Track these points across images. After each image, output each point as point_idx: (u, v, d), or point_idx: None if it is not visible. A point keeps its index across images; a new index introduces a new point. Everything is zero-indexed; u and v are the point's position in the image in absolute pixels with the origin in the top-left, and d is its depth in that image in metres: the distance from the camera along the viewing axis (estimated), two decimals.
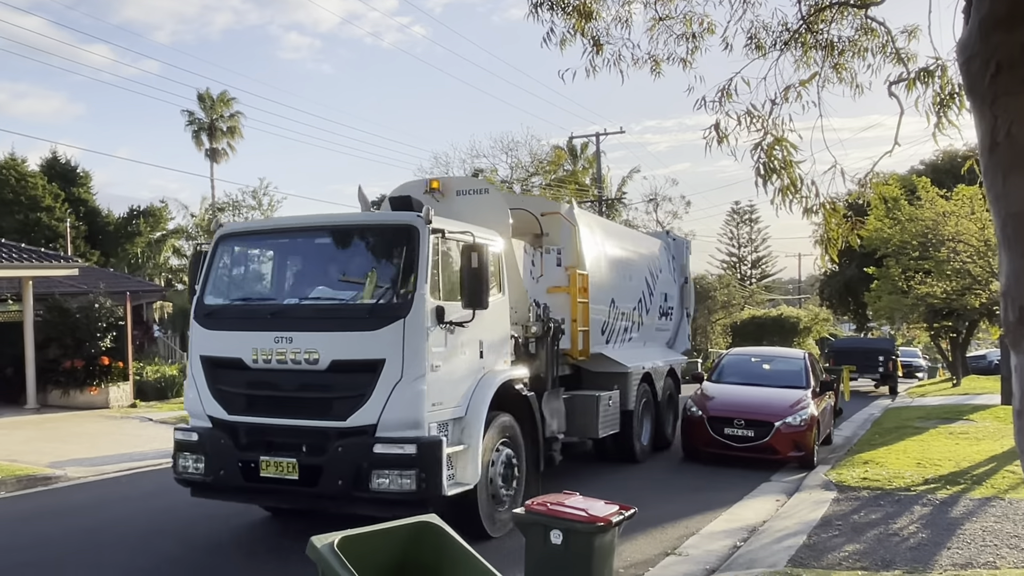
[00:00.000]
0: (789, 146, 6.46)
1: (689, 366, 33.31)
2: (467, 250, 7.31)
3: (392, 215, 8.18)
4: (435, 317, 7.18)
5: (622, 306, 12.64)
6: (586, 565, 4.99)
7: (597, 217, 16.27)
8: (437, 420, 7.20)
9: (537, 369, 9.43)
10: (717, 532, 8.61)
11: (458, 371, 7.56)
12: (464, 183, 9.76)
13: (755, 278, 64.52)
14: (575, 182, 41.22)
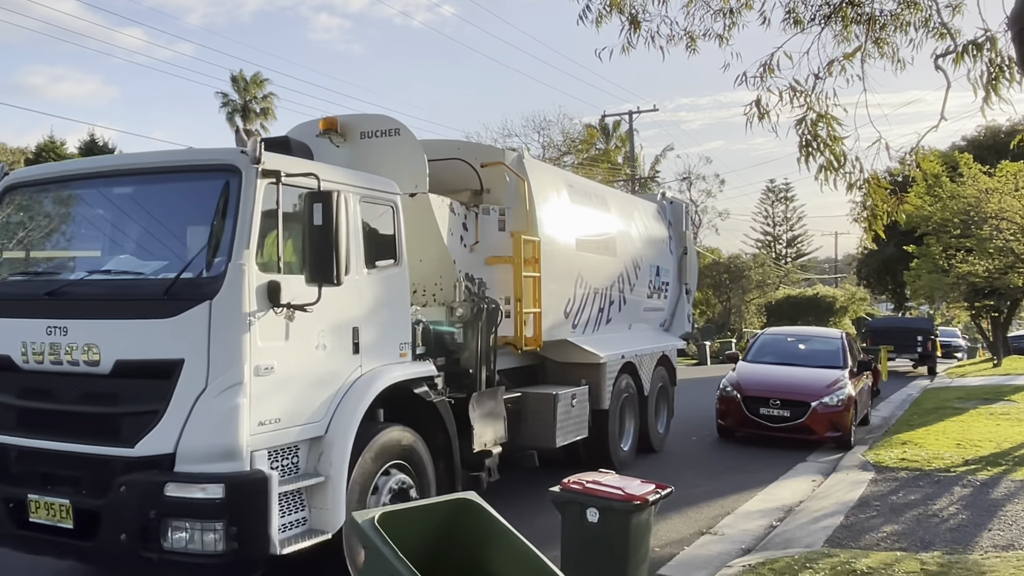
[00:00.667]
0: (833, 121, 6.37)
1: (723, 346, 33.43)
2: (310, 200, 5.12)
3: (206, 152, 5.66)
4: (264, 298, 5.04)
5: (595, 282, 9.99)
6: (622, 543, 5.01)
7: (560, 171, 12.74)
8: (272, 445, 5.14)
9: (467, 363, 7.49)
10: (753, 512, 8.59)
11: (311, 373, 5.44)
12: (369, 122, 7.41)
13: (790, 257, 63.81)
14: (607, 161, 40.98)
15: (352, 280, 5.70)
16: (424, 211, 7.26)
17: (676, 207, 13.50)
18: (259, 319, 5.05)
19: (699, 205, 50.49)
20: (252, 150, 5.10)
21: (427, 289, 7.66)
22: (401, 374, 6.28)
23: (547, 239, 8.66)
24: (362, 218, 5.99)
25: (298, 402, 5.35)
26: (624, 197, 12.91)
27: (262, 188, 5.14)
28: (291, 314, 5.26)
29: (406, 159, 7.26)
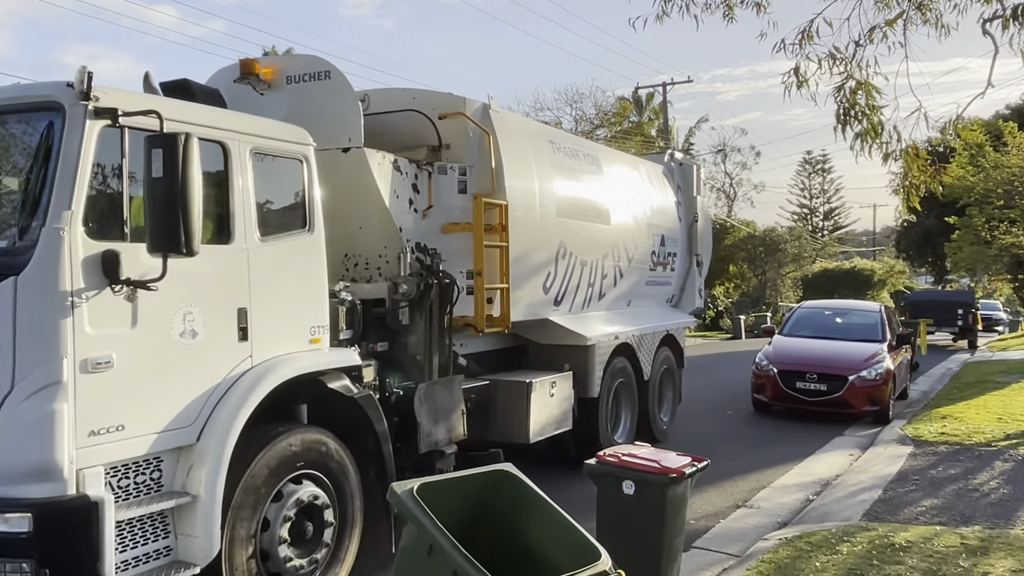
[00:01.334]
0: (872, 90, 6.25)
1: (758, 320, 33.14)
2: (149, 145, 3.97)
3: (28, 87, 4.55)
4: (97, 272, 3.99)
5: (583, 253, 8.64)
6: (658, 516, 5.01)
7: (539, 124, 11.03)
8: (113, 459, 4.09)
9: (414, 349, 6.38)
10: (789, 485, 8.55)
11: (174, 367, 4.35)
12: (295, 64, 6.37)
13: (827, 230, 62.90)
14: (641, 133, 40.62)
15: (238, 250, 4.70)
16: (361, 169, 6.16)
17: (686, 169, 12.01)
18: (88, 300, 3.95)
19: (734, 178, 50.02)
20: (79, 82, 4.01)
21: (370, 262, 6.61)
22: (307, 365, 5.10)
23: (519, 203, 7.41)
24: (254, 174, 4.85)
25: (153, 404, 4.24)
26: (622, 157, 11.38)
27: (94, 131, 4.05)
28: (131, 293, 4.13)
29: (338, 107, 6.18)
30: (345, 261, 6.56)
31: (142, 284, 4.11)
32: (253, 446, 4.68)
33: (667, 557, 5.04)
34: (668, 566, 5.06)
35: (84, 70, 4.03)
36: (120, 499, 4.14)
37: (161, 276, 4.08)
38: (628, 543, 4.96)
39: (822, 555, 5.80)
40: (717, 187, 49.46)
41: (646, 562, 4.95)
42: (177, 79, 5.78)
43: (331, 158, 5.99)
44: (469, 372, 7.21)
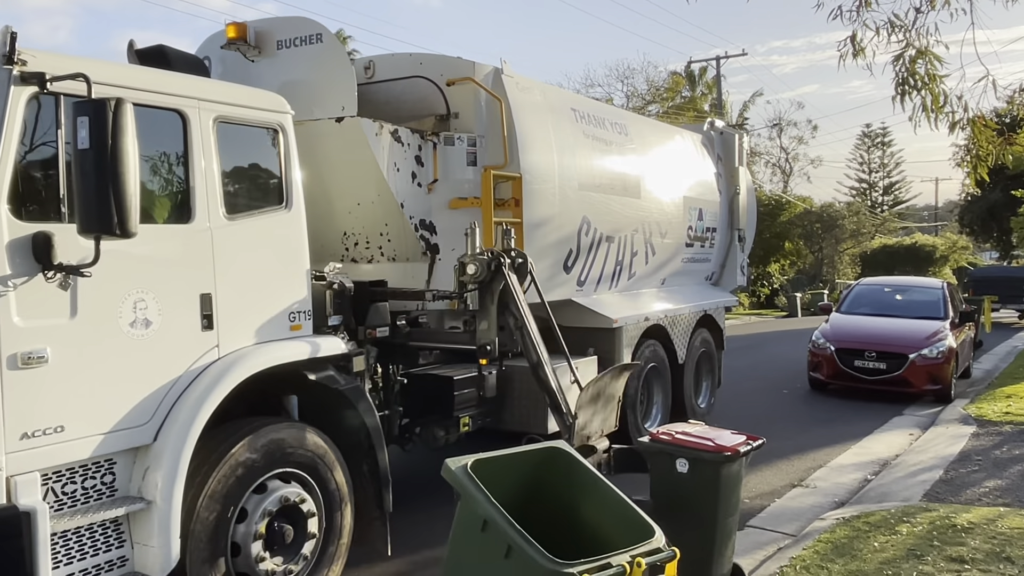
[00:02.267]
0: (933, 58, 6.06)
1: (815, 298, 32.56)
2: (74, 113, 3.57)
3: None
4: (27, 256, 3.64)
5: (609, 228, 8.04)
6: (712, 494, 4.98)
7: (559, 90, 9.97)
8: (51, 464, 3.74)
9: (484, 337, 5.91)
10: (846, 465, 8.43)
11: (124, 360, 3.97)
12: (285, 28, 5.92)
13: (887, 205, 61.33)
14: (693, 108, 40.00)
15: (199, 230, 4.30)
16: (357, 141, 5.74)
17: (727, 138, 11.19)
18: (17, 287, 3.59)
19: (790, 152, 48.98)
20: (1, 44, 3.65)
21: (371, 240, 6.28)
22: (282, 355, 4.65)
23: (535, 175, 6.88)
24: (219, 145, 4.43)
25: (99, 401, 3.87)
26: (655, 125, 10.68)
27: (20, 99, 3.67)
28: (67, 279, 3.74)
29: (330, 73, 5.76)
30: (344, 240, 6.22)
31: (75, 270, 3.69)
32: (221, 445, 4.27)
33: (721, 536, 5.00)
34: (722, 544, 5.03)
35: (7, 30, 3.64)
36: (65, 506, 3.79)
37: (94, 261, 3.65)
38: (682, 522, 4.95)
39: (881, 535, 5.71)
40: (772, 162, 48.57)
41: (700, 541, 4.93)
42: (153, 46, 5.33)
43: (326, 128, 5.67)
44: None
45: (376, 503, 5.14)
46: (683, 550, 4.08)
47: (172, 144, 4.25)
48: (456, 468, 3.77)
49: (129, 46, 5.39)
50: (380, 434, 5.19)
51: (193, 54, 5.80)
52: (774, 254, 37.31)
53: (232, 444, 4.31)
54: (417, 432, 6.26)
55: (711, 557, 4.97)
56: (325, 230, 5.75)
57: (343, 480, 4.92)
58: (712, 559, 4.99)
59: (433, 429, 6.28)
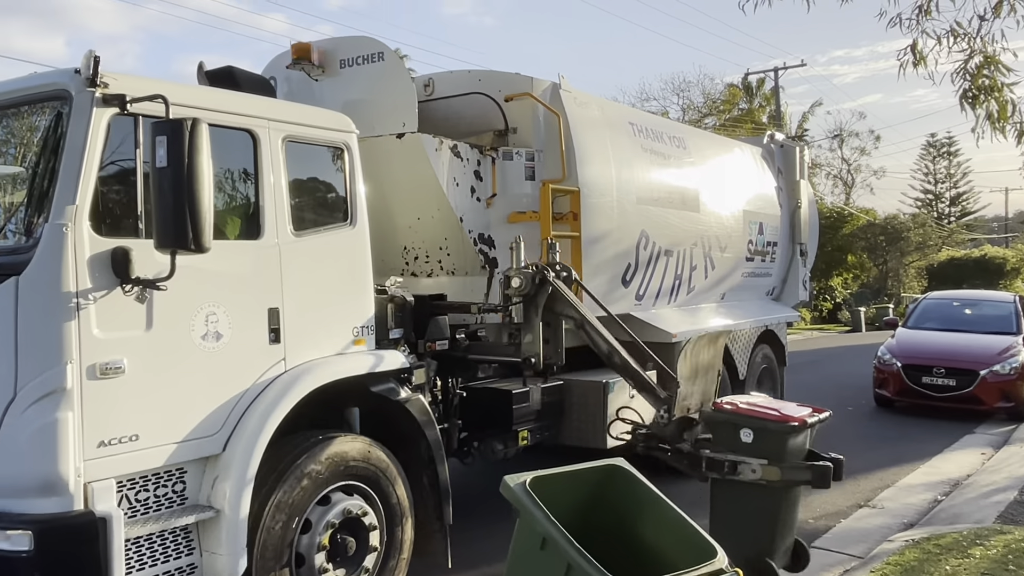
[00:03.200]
0: (1000, 66, 5.90)
1: (879, 312, 31.75)
2: (153, 133, 3.71)
3: (39, 76, 4.22)
4: (106, 271, 3.76)
5: (667, 242, 7.98)
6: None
7: (617, 105, 10.23)
8: (125, 471, 3.84)
9: (529, 349, 5.82)
10: (915, 485, 8.20)
11: (196, 372, 4.09)
12: (348, 47, 6.06)
13: (954, 216, 59.56)
14: (751, 120, 39.51)
15: (268, 246, 4.42)
16: (417, 156, 5.84)
17: (787, 151, 11.16)
18: (96, 300, 3.72)
19: (851, 163, 47.97)
20: (86, 68, 3.77)
21: (430, 254, 6.34)
22: (346, 368, 4.75)
23: (593, 189, 6.88)
24: (287, 163, 4.56)
25: (172, 411, 3.99)
26: (714, 139, 10.75)
27: (102, 120, 3.81)
28: (144, 293, 3.87)
29: (391, 91, 5.87)
30: (404, 254, 6.30)
31: (152, 284, 3.83)
32: (287, 456, 4.36)
33: (786, 507, 4.95)
34: (787, 515, 4.98)
35: (91, 54, 3.78)
36: (138, 513, 3.90)
37: (169, 275, 3.78)
38: (744, 495, 4.92)
39: (952, 559, 5.54)
40: (834, 174, 47.64)
41: (762, 511, 4.87)
42: (222, 67, 5.54)
43: (387, 145, 5.80)
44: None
45: (436, 516, 5.18)
46: (746, 520, 4.06)
47: (243, 162, 4.40)
48: (515, 485, 3.77)
49: (199, 68, 5.59)
50: (440, 447, 5.23)
51: (259, 74, 6.01)
52: (837, 268, 36.55)
53: (298, 456, 4.39)
54: (476, 446, 6.26)
55: (775, 528, 4.92)
56: (386, 244, 5.85)
57: (404, 494, 4.96)
58: (776, 530, 4.94)
59: (492, 443, 6.28)
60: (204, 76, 5.55)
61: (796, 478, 5.03)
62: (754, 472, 5.01)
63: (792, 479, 5.02)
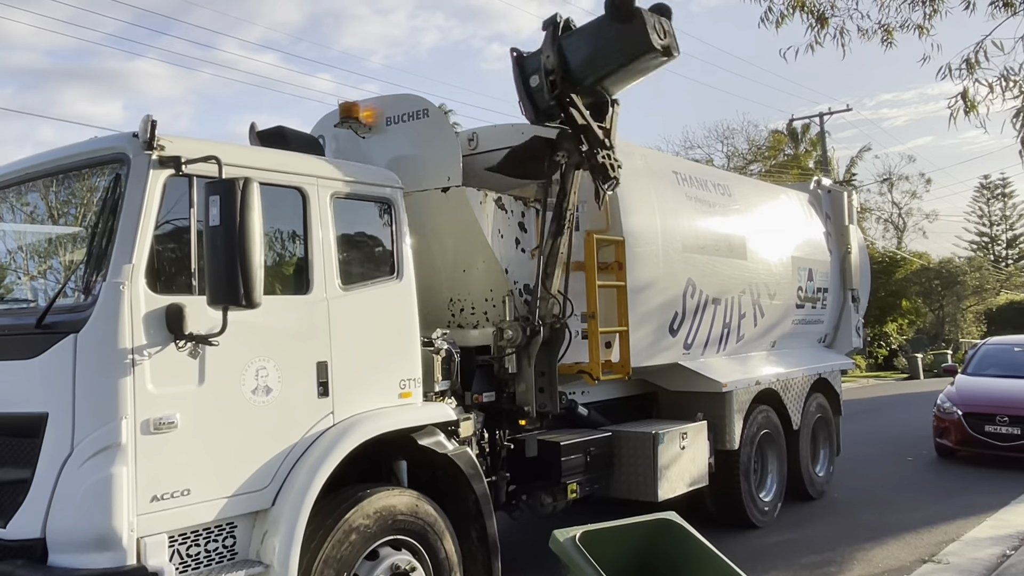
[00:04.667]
0: None
1: (937, 358, 30.90)
2: (207, 193, 3.83)
3: (99, 141, 4.41)
4: (161, 327, 3.86)
5: (714, 290, 7.88)
6: None
7: (661, 154, 10.17)
8: (177, 526, 3.89)
9: (523, 399, 5.88)
10: (982, 539, 7.85)
11: (246, 426, 4.15)
12: (394, 105, 6.20)
13: (1012, 259, 58.07)
14: (797, 166, 39.26)
15: (317, 300, 4.50)
16: (462, 209, 5.91)
17: (835, 196, 11.02)
18: (151, 356, 3.82)
19: (903, 207, 47.25)
20: (143, 131, 3.92)
21: (476, 306, 6.29)
22: (394, 422, 4.78)
23: (639, 239, 6.88)
24: (335, 219, 4.66)
25: (222, 466, 4.03)
26: (759, 185, 10.73)
27: (158, 181, 3.96)
28: (196, 348, 3.94)
29: (437, 146, 5.98)
30: (450, 306, 6.33)
31: (204, 339, 3.90)
32: (335, 511, 4.36)
33: None
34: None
35: (148, 119, 3.94)
36: (189, 568, 3.93)
37: (221, 330, 3.86)
38: None
39: None
40: (884, 218, 46.91)
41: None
42: (273, 127, 5.75)
43: (432, 199, 5.88)
44: (590, 423, 6.80)
45: (485, 571, 5.13)
46: None
47: (293, 219, 4.51)
48: (564, 540, 3.72)
49: (251, 128, 5.82)
50: (488, 501, 5.20)
51: (308, 133, 6.21)
52: (891, 313, 35.81)
53: (346, 510, 4.38)
54: (524, 499, 6.19)
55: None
56: (432, 296, 5.90)
57: (452, 548, 4.91)
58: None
59: (540, 496, 6.22)
60: (256, 136, 5.75)
61: None
62: None
63: None
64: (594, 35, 5.69)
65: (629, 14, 5.44)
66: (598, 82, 5.77)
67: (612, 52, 5.65)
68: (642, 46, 5.49)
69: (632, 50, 5.55)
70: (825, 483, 9.80)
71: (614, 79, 5.85)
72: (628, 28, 5.48)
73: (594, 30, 5.71)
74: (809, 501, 9.23)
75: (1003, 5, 6.52)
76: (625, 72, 5.82)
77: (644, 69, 5.80)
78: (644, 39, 5.47)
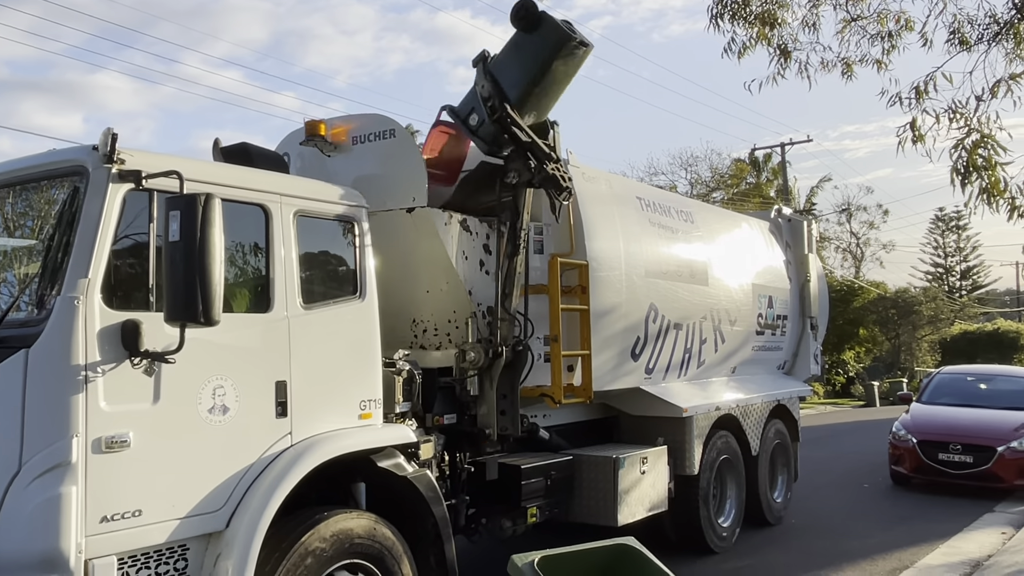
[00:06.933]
0: (995, 144, 6.02)
1: (893, 386, 31.43)
2: (166, 208, 3.77)
3: (58, 152, 4.38)
4: (116, 343, 3.76)
5: (676, 316, 7.91)
6: None
7: (626, 180, 10.35)
8: (127, 548, 3.77)
9: (484, 421, 5.99)
10: (935, 566, 7.96)
11: (201, 446, 4.05)
12: (360, 124, 6.19)
13: (965, 290, 59.43)
14: (759, 195, 39.92)
15: (277, 319, 4.42)
16: (426, 230, 5.93)
17: (795, 225, 11.15)
18: (105, 373, 3.71)
19: (860, 237, 48.17)
20: (103, 144, 3.83)
21: (439, 327, 6.27)
22: (352, 443, 4.69)
23: (602, 263, 6.91)
24: (298, 238, 4.61)
25: (176, 486, 3.93)
26: (721, 213, 10.91)
27: (118, 195, 3.88)
28: (152, 366, 3.85)
29: (402, 166, 5.98)
30: (413, 327, 6.27)
31: (160, 356, 3.81)
32: (291, 533, 4.27)
33: None
34: None
35: (108, 132, 3.85)
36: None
37: (179, 348, 3.77)
38: None
39: None
40: (843, 247, 47.78)
41: None
42: (236, 144, 5.67)
43: (397, 219, 5.87)
44: (552, 446, 6.79)
45: None
46: None
47: (254, 236, 4.44)
48: (523, 564, 3.70)
49: (215, 144, 5.74)
50: (448, 524, 5.15)
51: (273, 150, 6.11)
52: (848, 341, 36.36)
53: (302, 533, 4.30)
54: (484, 523, 6.14)
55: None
56: (395, 317, 5.85)
57: (410, 572, 4.84)
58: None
59: (500, 519, 6.17)
60: (219, 152, 5.70)
61: None
62: None
63: None
64: (515, 51, 5.89)
65: (537, 19, 5.70)
66: (531, 95, 5.93)
67: (536, 57, 5.82)
68: (561, 37, 5.72)
69: (554, 45, 5.75)
70: (783, 509, 9.84)
71: (545, 86, 5.96)
72: (541, 31, 5.75)
73: (513, 47, 5.92)
74: (767, 527, 9.29)
75: (959, 42, 6.73)
76: (552, 77, 5.95)
77: (569, 67, 5.97)
78: (559, 32, 5.73)
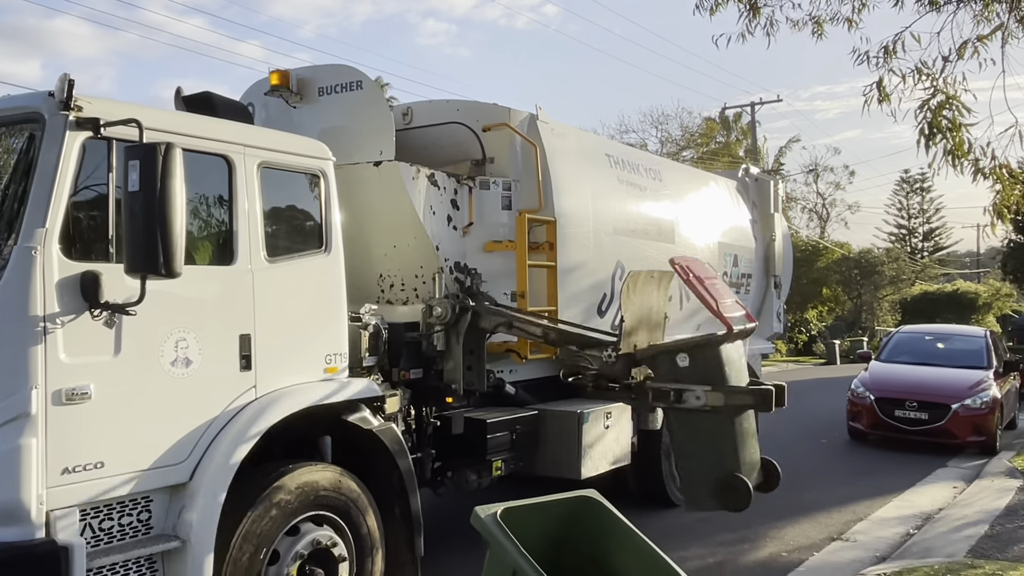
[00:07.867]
0: (960, 106, 6.05)
1: (854, 345, 32.07)
2: (125, 157, 3.69)
3: (12, 99, 4.31)
4: (75, 295, 3.71)
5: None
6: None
7: (594, 136, 10.53)
8: (89, 499, 3.75)
9: (450, 376, 6.02)
10: (888, 519, 8.22)
11: (163, 398, 4.02)
12: (327, 75, 6.12)
13: (927, 251, 60.43)
14: (728, 154, 40.02)
15: (241, 272, 4.37)
16: (394, 184, 5.85)
17: (762, 184, 11.16)
18: (64, 325, 3.65)
19: (826, 198, 48.66)
20: (60, 91, 3.74)
21: (406, 282, 6.29)
22: (317, 396, 4.69)
23: (570, 220, 6.91)
24: (262, 189, 4.53)
25: (139, 439, 3.91)
26: (689, 171, 10.90)
27: (75, 143, 3.78)
28: (112, 317, 3.79)
29: (369, 119, 5.91)
30: (379, 282, 6.28)
31: (121, 308, 3.76)
32: (256, 486, 4.27)
33: (744, 428, 5.41)
34: (747, 435, 5.49)
35: (65, 77, 3.73)
36: (102, 543, 3.81)
37: (139, 299, 3.72)
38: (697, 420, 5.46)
39: None
40: (809, 208, 48.25)
41: (722, 439, 5.49)
42: (199, 92, 5.51)
43: (364, 172, 5.80)
44: (517, 401, 6.80)
45: (407, 548, 5.10)
46: (707, 445, 4.16)
47: (217, 188, 4.35)
48: (485, 516, 3.73)
49: (176, 93, 5.58)
50: (413, 477, 5.17)
51: (238, 100, 6.02)
52: (812, 300, 36.93)
53: (267, 485, 4.31)
54: (449, 476, 6.20)
55: (736, 448, 5.44)
56: (361, 272, 5.85)
57: (375, 525, 4.88)
58: (739, 450, 5.42)
59: (466, 473, 6.22)
60: (182, 101, 5.55)
61: (740, 402, 5.36)
62: (699, 399, 5.40)
63: (736, 403, 5.34)
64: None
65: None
66: None
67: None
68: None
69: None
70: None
71: None
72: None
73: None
74: None
75: (929, 2, 6.73)
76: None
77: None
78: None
